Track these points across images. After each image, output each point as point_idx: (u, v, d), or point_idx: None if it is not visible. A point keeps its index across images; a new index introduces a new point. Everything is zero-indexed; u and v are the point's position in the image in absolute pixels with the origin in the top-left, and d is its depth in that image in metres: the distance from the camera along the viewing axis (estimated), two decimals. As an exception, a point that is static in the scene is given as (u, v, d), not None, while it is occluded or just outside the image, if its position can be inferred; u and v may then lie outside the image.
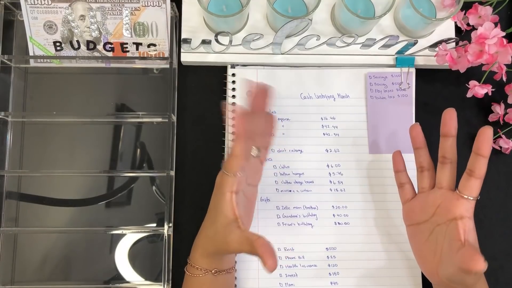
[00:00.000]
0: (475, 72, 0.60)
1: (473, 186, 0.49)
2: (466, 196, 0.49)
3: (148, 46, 0.64)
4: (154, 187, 0.63)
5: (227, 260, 0.55)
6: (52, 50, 0.64)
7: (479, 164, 0.48)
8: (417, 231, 0.54)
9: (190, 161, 0.63)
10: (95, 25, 0.63)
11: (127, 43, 0.64)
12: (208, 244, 0.52)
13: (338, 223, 0.62)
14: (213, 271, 0.52)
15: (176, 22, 0.64)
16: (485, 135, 0.47)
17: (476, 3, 0.61)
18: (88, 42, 0.63)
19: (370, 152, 0.63)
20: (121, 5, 0.62)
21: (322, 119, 0.64)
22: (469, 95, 0.59)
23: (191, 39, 0.60)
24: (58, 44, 0.63)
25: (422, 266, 0.55)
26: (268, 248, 0.46)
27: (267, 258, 0.45)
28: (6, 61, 0.63)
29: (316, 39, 0.59)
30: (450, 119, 0.51)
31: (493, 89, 0.58)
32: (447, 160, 0.51)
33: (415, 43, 0.61)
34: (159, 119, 0.63)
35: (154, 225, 0.62)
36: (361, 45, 0.61)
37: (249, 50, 0.62)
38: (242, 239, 0.48)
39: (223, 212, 0.50)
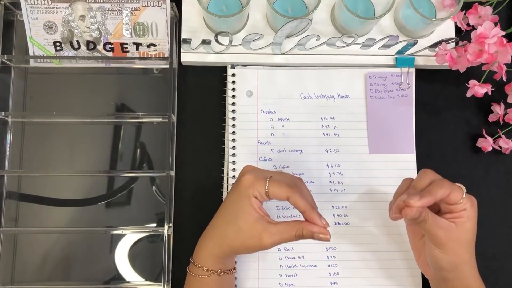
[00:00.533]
0: (475, 72, 0.60)
1: (453, 197, 0.49)
2: (460, 202, 0.49)
3: (148, 46, 0.64)
4: (154, 187, 0.63)
5: (231, 260, 0.55)
6: (52, 50, 0.64)
7: (439, 197, 0.48)
8: (415, 230, 0.56)
9: (190, 161, 0.63)
10: (95, 25, 0.63)
11: (127, 43, 0.64)
12: (223, 243, 0.52)
13: (338, 223, 0.62)
14: (218, 271, 0.52)
15: (176, 22, 0.64)
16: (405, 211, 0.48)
17: (476, 3, 0.61)
18: (88, 42, 0.64)
19: (370, 152, 0.63)
20: (121, 5, 0.62)
21: (322, 119, 0.64)
22: (469, 94, 0.59)
23: (191, 39, 0.60)
24: (58, 44, 0.63)
25: (417, 261, 0.57)
26: (320, 227, 0.50)
27: (323, 235, 0.50)
28: (6, 61, 0.63)
29: (316, 39, 0.59)
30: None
31: (493, 89, 0.58)
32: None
33: (415, 43, 0.61)
34: (159, 119, 0.63)
35: (154, 225, 0.62)
36: (361, 45, 0.61)
37: (249, 50, 0.62)
38: (285, 228, 0.50)
39: (246, 211, 0.50)
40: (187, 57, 0.63)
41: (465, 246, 0.50)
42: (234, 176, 0.62)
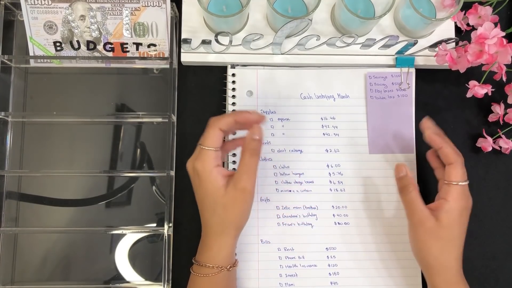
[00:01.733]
0: (475, 72, 0.60)
1: (451, 172, 0.53)
2: (454, 183, 0.53)
3: (148, 46, 0.64)
4: (154, 187, 0.63)
5: (234, 252, 0.55)
6: (52, 50, 0.64)
7: (445, 153, 0.54)
8: None
9: (190, 161, 0.63)
10: (95, 25, 0.63)
11: (127, 43, 0.64)
12: (225, 228, 0.52)
13: (338, 223, 0.62)
14: (228, 267, 0.52)
15: (176, 22, 0.64)
16: (425, 125, 0.56)
17: (476, 3, 0.61)
18: (88, 42, 0.64)
19: (370, 152, 0.63)
20: (121, 5, 0.62)
21: (322, 119, 0.64)
22: (469, 95, 0.59)
23: (191, 39, 0.60)
24: (58, 44, 0.63)
25: (415, 254, 0.57)
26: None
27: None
28: (6, 61, 0.63)
29: (316, 39, 0.59)
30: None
31: (493, 89, 0.58)
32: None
33: (415, 43, 0.61)
34: (159, 119, 0.63)
35: (154, 225, 0.62)
36: (361, 45, 0.61)
37: (249, 50, 0.62)
38: (241, 161, 0.52)
39: (215, 186, 0.51)
40: (187, 57, 0.63)
41: (437, 241, 0.53)
42: (234, 176, 0.62)
